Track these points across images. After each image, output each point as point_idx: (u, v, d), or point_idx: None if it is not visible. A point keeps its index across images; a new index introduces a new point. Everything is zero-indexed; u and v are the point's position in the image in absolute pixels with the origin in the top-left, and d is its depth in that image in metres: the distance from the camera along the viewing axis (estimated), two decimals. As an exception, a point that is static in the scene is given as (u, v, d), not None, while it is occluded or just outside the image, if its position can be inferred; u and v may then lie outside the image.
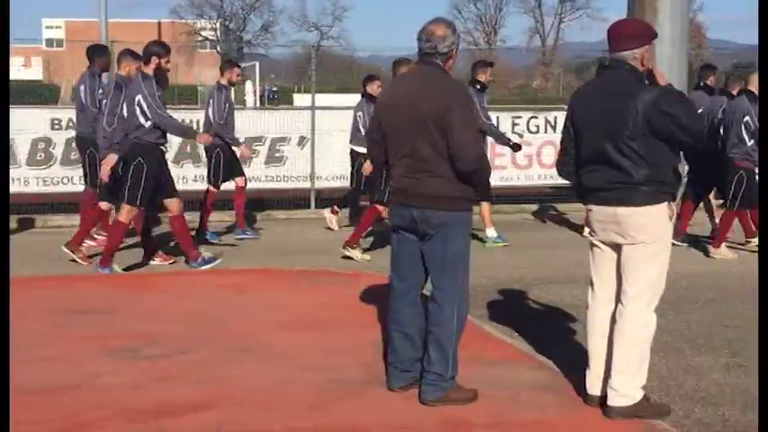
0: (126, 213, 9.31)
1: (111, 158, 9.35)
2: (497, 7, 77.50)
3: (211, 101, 11.45)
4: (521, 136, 14.46)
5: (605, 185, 5.13)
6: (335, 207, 12.64)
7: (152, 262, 9.92)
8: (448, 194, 5.15)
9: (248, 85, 34.32)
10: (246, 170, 12.02)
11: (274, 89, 49.39)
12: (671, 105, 4.93)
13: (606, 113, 5.07)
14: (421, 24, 5.30)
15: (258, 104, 32.78)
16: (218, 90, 11.56)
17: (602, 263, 5.34)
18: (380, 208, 10.19)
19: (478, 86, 11.38)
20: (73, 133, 12.32)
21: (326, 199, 14.86)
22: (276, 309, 7.72)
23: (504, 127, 14.66)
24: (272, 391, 5.51)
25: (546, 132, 14.49)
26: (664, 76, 5.18)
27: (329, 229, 12.41)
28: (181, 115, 12.72)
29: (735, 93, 11.26)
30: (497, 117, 14.35)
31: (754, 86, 10.69)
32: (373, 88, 11.68)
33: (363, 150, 10.70)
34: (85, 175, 11.04)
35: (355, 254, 10.30)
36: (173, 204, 9.53)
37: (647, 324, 5.17)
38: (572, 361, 5.90)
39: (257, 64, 36.23)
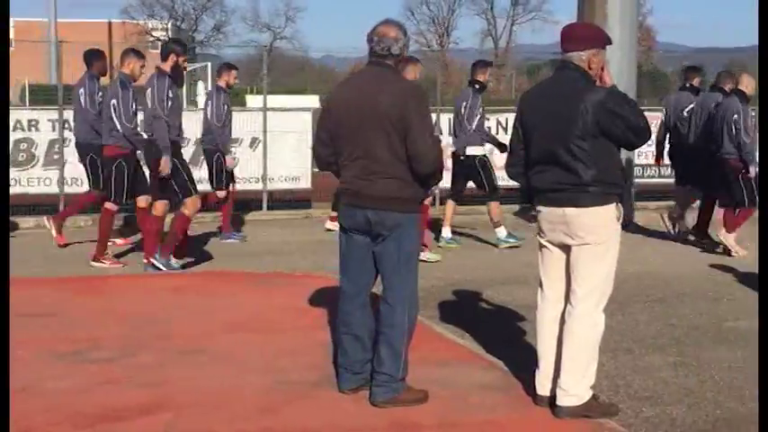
0: (161, 207, 9.54)
1: (165, 163, 9.25)
2: (450, 9, 77.70)
3: (210, 103, 11.43)
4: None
5: (554, 186, 5.15)
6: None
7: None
8: (402, 196, 5.15)
9: (200, 85, 34.12)
10: (197, 172, 11.92)
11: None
12: (618, 105, 4.99)
13: (555, 115, 5.09)
14: (373, 25, 5.30)
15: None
16: (217, 92, 11.56)
17: (551, 263, 5.37)
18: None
19: (477, 86, 11.30)
20: (20, 135, 12.20)
21: (279, 200, 14.83)
22: (225, 311, 7.67)
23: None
24: (220, 394, 5.47)
25: (497, 134, 14.48)
26: (610, 77, 5.21)
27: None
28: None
29: (727, 89, 11.34)
30: (449, 119, 14.35)
31: (743, 86, 10.91)
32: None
33: None
34: (89, 179, 11.01)
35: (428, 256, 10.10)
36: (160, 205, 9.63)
37: (596, 324, 5.20)
38: (522, 361, 5.92)
39: (209, 65, 35.97)
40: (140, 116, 9.99)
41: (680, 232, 12.16)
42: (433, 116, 14.19)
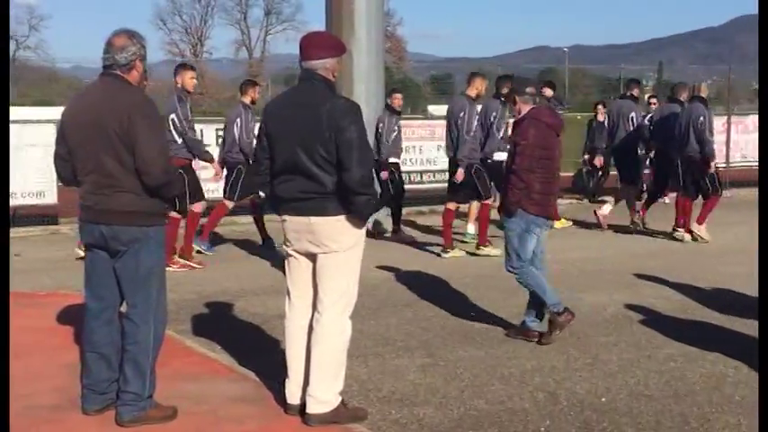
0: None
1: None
2: (203, 19, 77.10)
3: (239, 120, 11.60)
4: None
5: (299, 195, 5.18)
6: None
7: None
8: (137, 210, 5.01)
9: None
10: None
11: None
12: (350, 120, 5.04)
13: (299, 124, 5.12)
14: (110, 36, 5.16)
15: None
16: (245, 110, 11.74)
17: (297, 272, 5.39)
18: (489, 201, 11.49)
19: (503, 98, 11.33)
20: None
21: (25, 216, 14.13)
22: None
23: (209, 139, 14.55)
24: (-46, 425, 5.15)
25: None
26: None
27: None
28: None
29: (683, 99, 13.28)
30: (201, 129, 14.21)
31: (702, 93, 12.79)
32: (397, 101, 12.94)
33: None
34: None
35: (489, 250, 11.33)
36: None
37: (343, 331, 5.27)
38: (275, 371, 5.91)
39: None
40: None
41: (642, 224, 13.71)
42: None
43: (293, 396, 5.32)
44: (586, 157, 17.98)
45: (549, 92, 12.69)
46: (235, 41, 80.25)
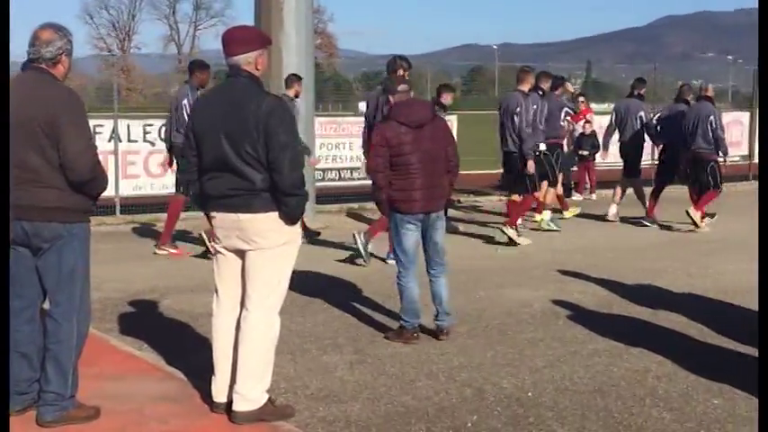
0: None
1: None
2: (130, 14, 76.18)
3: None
4: (153, 144, 14.25)
5: (228, 192, 5.14)
6: None
7: None
8: (61, 206, 4.93)
9: None
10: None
11: None
12: (280, 120, 5.02)
13: (226, 121, 5.08)
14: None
15: None
16: (290, 102, 11.65)
17: (226, 269, 5.35)
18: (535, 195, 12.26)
19: (542, 92, 12.50)
20: None
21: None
22: None
23: (136, 134, 14.38)
24: None
25: (179, 140, 14.33)
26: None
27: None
28: None
29: (689, 99, 14.26)
30: (128, 125, 14.05)
31: (709, 93, 13.76)
32: (447, 98, 12.91)
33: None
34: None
35: (516, 236, 11.92)
36: None
37: (272, 328, 5.25)
38: (201, 369, 5.84)
39: None
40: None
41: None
42: (111, 122, 13.98)
43: (220, 394, 5.28)
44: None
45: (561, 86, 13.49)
46: (163, 37, 79.56)
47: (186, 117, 11.22)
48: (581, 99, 18.35)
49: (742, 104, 25.71)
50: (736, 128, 19.20)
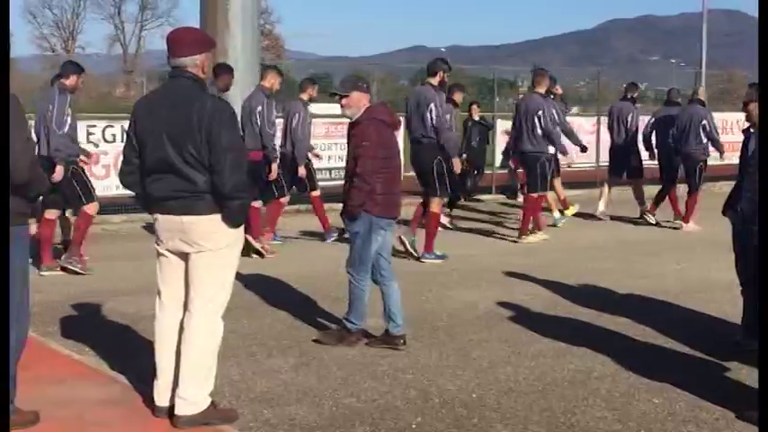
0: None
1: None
2: (74, 13, 75.29)
3: (297, 115, 12.03)
4: (96, 146, 14.07)
5: (170, 194, 5.11)
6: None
7: None
8: None
9: None
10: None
11: None
12: (222, 122, 4.99)
13: (169, 122, 5.04)
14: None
15: None
16: (305, 106, 12.25)
17: (169, 272, 5.31)
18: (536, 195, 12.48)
19: (552, 96, 13.22)
20: None
21: None
22: None
23: (81, 136, 14.15)
24: None
25: (123, 141, 14.14)
26: None
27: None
28: None
29: (677, 101, 15.07)
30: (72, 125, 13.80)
31: (701, 96, 14.42)
32: (458, 97, 13.69)
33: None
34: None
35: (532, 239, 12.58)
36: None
37: (215, 331, 5.22)
38: (144, 373, 5.78)
39: None
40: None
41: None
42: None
43: (162, 398, 5.23)
44: (464, 156, 18.19)
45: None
46: (108, 36, 78.70)
47: (265, 125, 11.23)
48: (474, 107, 19.01)
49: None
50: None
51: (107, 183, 13.87)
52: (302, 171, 12.22)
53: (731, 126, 21.19)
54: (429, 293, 9.01)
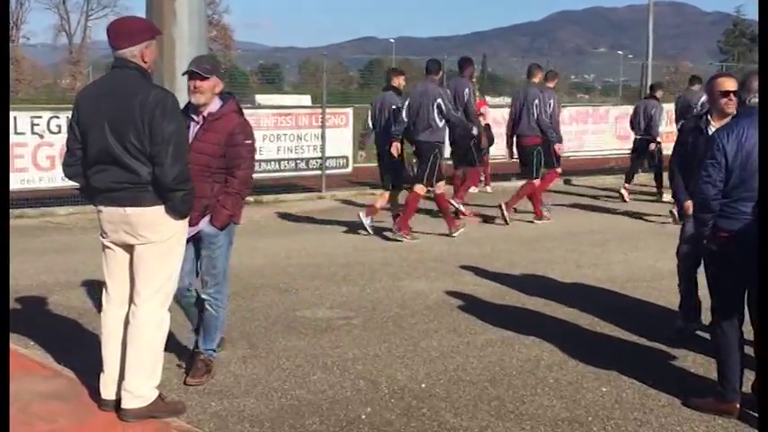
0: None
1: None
2: (18, 2, 74.09)
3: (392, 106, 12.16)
4: (41, 136, 13.87)
5: (114, 186, 5.04)
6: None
7: None
8: None
9: None
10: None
11: None
12: (164, 113, 4.91)
13: (112, 113, 4.97)
14: None
15: None
16: (399, 96, 12.30)
17: (114, 264, 5.25)
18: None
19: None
20: None
21: None
22: None
23: (23, 127, 13.95)
24: None
25: (68, 132, 13.96)
26: None
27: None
28: None
29: (658, 95, 16.25)
30: (15, 117, 13.63)
31: (658, 94, 16.17)
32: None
33: None
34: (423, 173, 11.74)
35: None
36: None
37: (161, 324, 5.17)
38: (90, 366, 5.71)
39: None
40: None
41: None
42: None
43: (108, 391, 5.18)
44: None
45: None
46: (54, 26, 77.67)
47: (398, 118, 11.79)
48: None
49: (632, 99, 26.41)
50: (627, 121, 19.53)
51: (52, 174, 13.66)
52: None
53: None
54: (379, 283, 9.01)
